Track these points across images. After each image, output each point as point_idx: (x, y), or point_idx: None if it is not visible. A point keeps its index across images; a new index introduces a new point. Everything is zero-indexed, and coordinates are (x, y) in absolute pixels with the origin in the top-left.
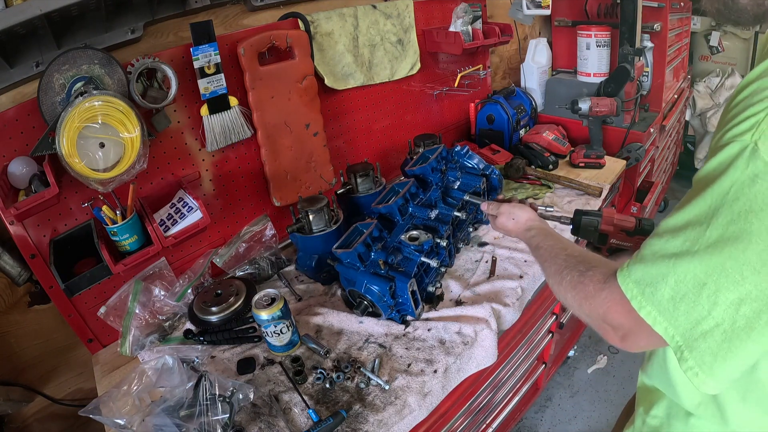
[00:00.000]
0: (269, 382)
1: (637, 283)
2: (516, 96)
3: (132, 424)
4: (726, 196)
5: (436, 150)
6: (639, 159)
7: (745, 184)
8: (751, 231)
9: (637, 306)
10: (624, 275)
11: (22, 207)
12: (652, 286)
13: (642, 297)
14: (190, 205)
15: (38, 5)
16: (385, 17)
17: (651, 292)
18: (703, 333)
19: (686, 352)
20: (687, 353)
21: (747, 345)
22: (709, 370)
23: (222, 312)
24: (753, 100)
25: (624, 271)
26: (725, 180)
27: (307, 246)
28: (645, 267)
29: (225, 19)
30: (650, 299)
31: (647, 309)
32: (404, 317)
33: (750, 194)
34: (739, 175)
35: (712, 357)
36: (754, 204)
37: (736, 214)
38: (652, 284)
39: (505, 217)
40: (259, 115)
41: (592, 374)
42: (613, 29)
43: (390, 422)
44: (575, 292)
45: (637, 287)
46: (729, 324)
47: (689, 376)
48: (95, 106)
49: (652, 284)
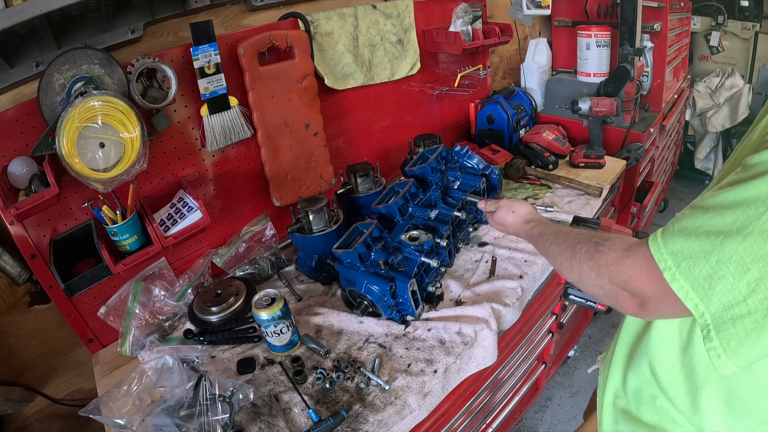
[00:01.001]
0: (269, 382)
1: (673, 254)
2: (516, 96)
3: (132, 424)
4: None
5: (435, 150)
6: (639, 159)
7: None
8: None
9: (670, 278)
10: (657, 245)
11: (22, 207)
12: (690, 261)
13: (677, 270)
14: (190, 205)
15: (38, 5)
16: (385, 17)
17: (688, 266)
18: (734, 318)
19: (713, 332)
20: (714, 333)
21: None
22: (733, 355)
23: (222, 312)
24: None
25: (658, 240)
26: None
27: (307, 246)
28: (685, 240)
29: (225, 19)
30: (686, 273)
31: (680, 282)
32: (404, 317)
33: None
34: None
35: (738, 343)
36: None
37: None
38: (691, 258)
39: (504, 210)
40: (259, 115)
41: (592, 374)
42: (613, 29)
43: (390, 422)
44: (593, 261)
45: (673, 259)
46: (762, 314)
47: (711, 355)
48: (95, 106)
49: (691, 258)
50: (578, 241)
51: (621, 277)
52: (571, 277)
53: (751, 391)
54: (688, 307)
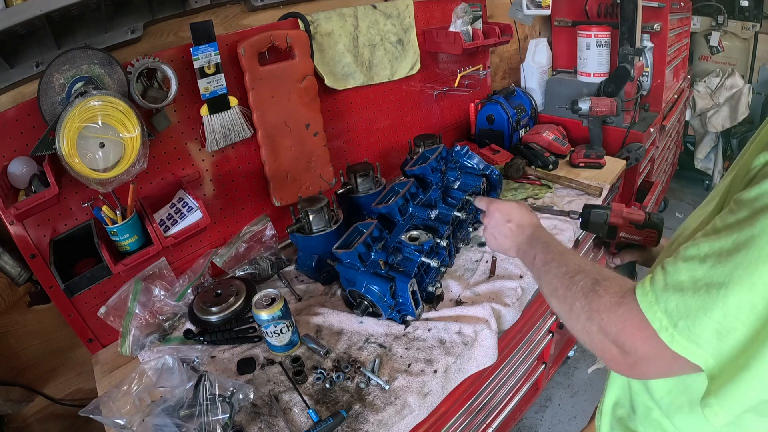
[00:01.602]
0: (269, 382)
1: (668, 313)
2: (516, 96)
3: (132, 424)
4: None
5: (435, 150)
6: (639, 159)
7: None
8: None
9: (668, 340)
10: (648, 302)
11: (22, 207)
12: (690, 319)
13: (675, 330)
14: (190, 205)
15: (38, 5)
16: (385, 17)
17: (687, 325)
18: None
19: (713, 386)
20: (713, 388)
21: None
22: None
23: (222, 312)
24: None
25: (649, 295)
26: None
27: (307, 246)
28: (681, 296)
29: (225, 19)
30: (686, 333)
31: (682, 344)
32: (404, 317)
33: None
34: None
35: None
36: None
37: None
38: (690, 317)
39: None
40: (259, 115)
41: (592, 374)
42: (613, 29)
43: (390, 422)
44: (586, 300)
45: (669, 319)
46: None
47: (706, 412)
48: (95, 106)
49: (690, 317)
50: (579, 270)
51: (611, 328)
52: (561, 310)
53: None
54: (696, 363)
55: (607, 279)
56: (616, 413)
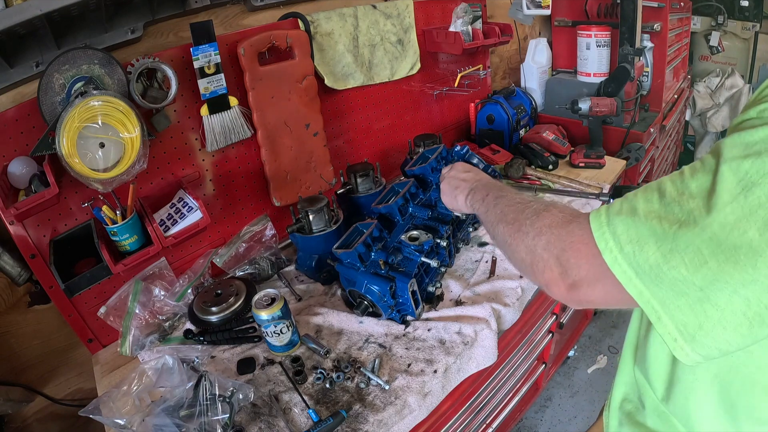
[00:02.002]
0: (269, 382)
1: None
2: (516, 96)
3: (132, 424)
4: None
5: (435, 150)
6: (639, 159)
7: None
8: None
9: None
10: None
11: (22, 207)
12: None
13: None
14: (190, 205)
15: (38, 5)
16: (385, 17)
17: (632, 251)
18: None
19: (665, 316)
20: (666, 318)
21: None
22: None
23: (222, 312)
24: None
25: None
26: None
27: (307, 246)
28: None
29: (225, 19)
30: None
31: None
32: (404, 317)
33: None
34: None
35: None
36: None
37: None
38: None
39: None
40: (259, 115)
41: (592, 374)
42: (613, 29)
43: (390, 422)
44: (537, 217)
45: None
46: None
47: (667, 340)
48: (95, 106)
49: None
50: (534, 200)
51: (560, 243)
52: (507, 234)
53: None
54: (630, 293)
55: (562, 205)
56: (624, 408)
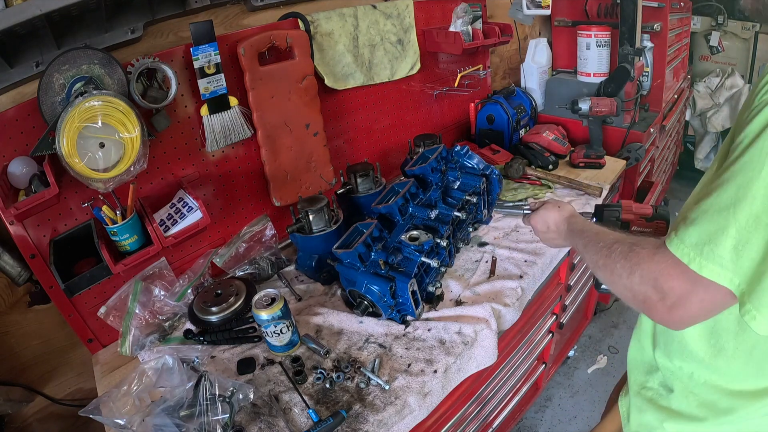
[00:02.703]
0: (269, 382)
1: (692, 245)
2: (516, 96)
3: (132, 424)
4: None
5: (435, 150)
6: (639, 159)
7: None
8: None
9: (698, 267)
10: (676, 243)
11: (22, 207)
12: (712, 243)
13: (701, 257)
14: (190, 205)
15: (38, 5)
16: (385, 17)
17: (710, 249)
18: (761, 275)
19: (746, 296)
20: (746, 297)
21: None
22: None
23: (222, 312)
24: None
25: (674, 239)
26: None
27: (307, 246)
28: (699, 227)
29: (225, 19)
30: (710, 257)
31: (709, 267)
32: (404, 317)
33: None
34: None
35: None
36: None
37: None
38: (712, 241)
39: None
40: (259, 115)
41: (592, 374)
42: (613, 29)
43: (390, 422)
44: (626, 260)
45: (694, 249)
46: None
47: (747, 319)
48: (95, 106)
49: (712, 241)
50: (616, 240)
51: (651, 274)
52: (604, 276)
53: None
54: (723, 284)
55: (641, 241)
56: (645, 395)
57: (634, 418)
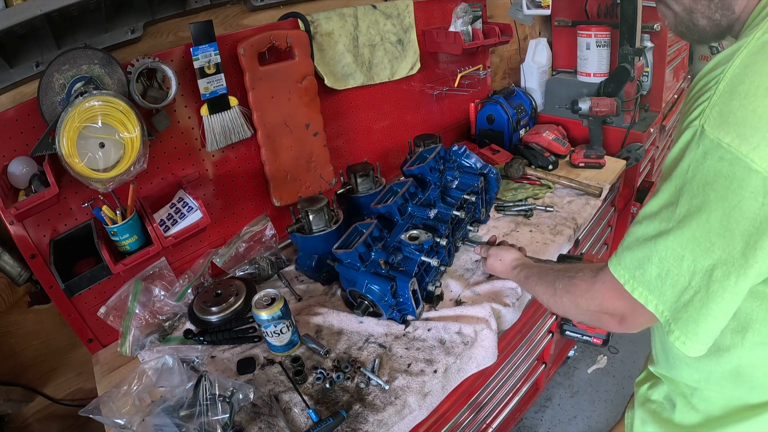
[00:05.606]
0: (269, 382)
1: (627, 268)
2: (516, 96)
3: (132, 424)
4: (686, 175)
5: (433, 150)
6: (639, 159)
7: (698, 162)
8: (710, 201)
9: (631, 288)
10: (614, 264)
11: (22, 207)
12: (641, 268)
13: (633, 280)
14: (190, 205)
15: (38, 5)
16: (385, 17)
17: (640, 273)
18: (685, 303)
19: (673, 324)
20: (673, 325)
21: (721, 306)
22: (693, 336)
23: (222, 312)
24: (702, 92)
25: (614, 260)
26: (684, 162)
27: (307, 246)
28: (631, 252)
29: (225, 19)
30: (640, 280)
31: (639, 290)
32: (405, 317)
33: (703, 169)
34: (693, 155)
35: (694, 324)
36: (708, 177)
37: (695, 189)
38: (641, 266)
39: (492, 258)
40: (259, 115)
41: (592, 374)
42: (613, 29)
43: (390, 422)
44: (569, 294)
45: (628, 272)
46: (704, 289)
47: (677, 345)
48: (95, 106)
49: (641, 266)
50: (556, 278)
51: (596, 301)
52: (559, 312)
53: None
54: (650, 310)
55: (579, 270)
56: (648, 408)
57: (637, 429)
